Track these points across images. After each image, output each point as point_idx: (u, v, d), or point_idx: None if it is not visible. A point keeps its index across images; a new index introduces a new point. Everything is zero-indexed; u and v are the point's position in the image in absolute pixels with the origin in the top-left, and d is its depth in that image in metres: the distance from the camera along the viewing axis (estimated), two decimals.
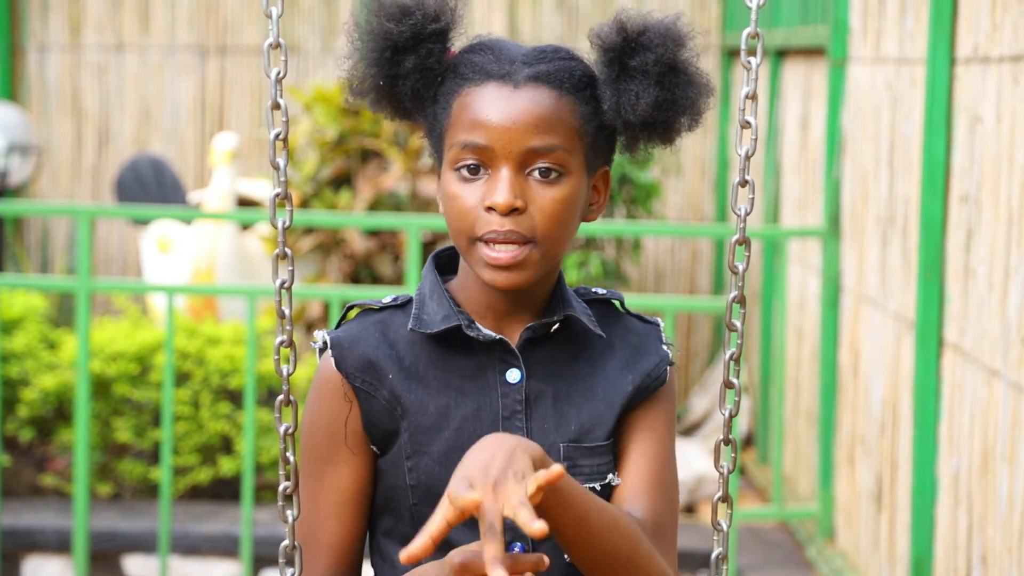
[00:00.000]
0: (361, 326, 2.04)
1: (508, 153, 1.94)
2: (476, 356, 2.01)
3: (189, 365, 5.90)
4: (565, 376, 2.03)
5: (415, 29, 1.98)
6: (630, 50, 1.98)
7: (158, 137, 8.10)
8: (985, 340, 3.93)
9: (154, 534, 5.58)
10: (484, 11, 7.99)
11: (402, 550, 1.78)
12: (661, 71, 1.99)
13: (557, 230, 1.97)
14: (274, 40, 1.94)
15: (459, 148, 1.96)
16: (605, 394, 2.03)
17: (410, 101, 2.01)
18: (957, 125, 4.21)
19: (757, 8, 1.97)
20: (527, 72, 1.96)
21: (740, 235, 2.00)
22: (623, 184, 6.94)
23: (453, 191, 1.97)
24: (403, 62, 1.98)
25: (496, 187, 1.94)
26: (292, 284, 1.95)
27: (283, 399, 1.94)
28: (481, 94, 1.96)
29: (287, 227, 1.95)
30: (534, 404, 2.01)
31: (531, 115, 1.94)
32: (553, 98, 1.96)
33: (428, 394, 2.00)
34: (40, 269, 8.06)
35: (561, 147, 1.95)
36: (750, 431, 7.07)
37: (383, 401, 2.00)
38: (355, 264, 6.94)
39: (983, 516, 3.93)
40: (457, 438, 1.99)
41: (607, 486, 2.02)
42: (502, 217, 1.94)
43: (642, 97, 1.98)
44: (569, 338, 2.04)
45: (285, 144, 1.95)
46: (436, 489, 1.97)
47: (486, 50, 1.99)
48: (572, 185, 1.97)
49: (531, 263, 1.96)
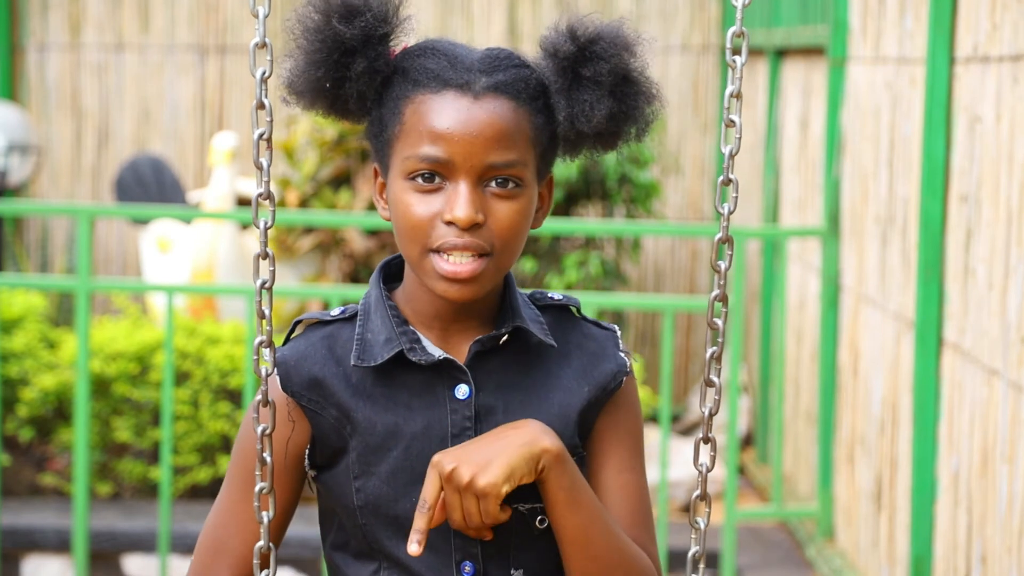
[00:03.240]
0: (308, 342, 2.00)
1: (469, 167, 1.90)
2: (424, 372, 1.97)
3: (189, 364, 5.90)
4: (517, 388, 1.99)
5: (365, 31, 1.93)
6: (583, 59, 1.94)
7: (158, 137, 8.11)
8: (985, 340, 3.93)
9: (154, 534, 5.58)
10: (484, 11, 7.99)
11: (411, 544, 1.88)
12: (615, 81, 1.95)
13: (514, 242, 1.94)
14: (260, 40, 1.91)
15: (416, 159, 1.91)
16: (560, 407, 2.00)
17: (354, 103, 1.97)
18: (957, 125, 4.21)
19: (742, 7, 1.96)
20: (485, 82, 1.92)
21: (723, 233, 1.97)
22: (622, 184, 6.94)
23: (406, 200, 1.93)
24: (351, 64, 1.94)
25: (457, 201, 1.90)
26: (273, 284, 1.93)
27: (261, 400, 1.93)
28: (438, 103, 1.91)
29: (269, 227, 1.93)
30: (484, 419, 1.97)
31: (493, 128, 1.91)
32: (511, 110, 1.92)
33: (376, 412, 1.96)
34: (40, 269, 8.06)
35: (519, 161, 1.92)
36: (750, 431, 7.07)
37: (331, 419, 1.97)
38: (355, 263, 6.94)
39: (983, 516, 3.93)
40: (406, 457, 1.96)
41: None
42: (461, 231, 1.90)
43: (596, 108, 1.94)
44: (521, 348, 2.01)
45: (269, 144, 1.92)
46: (384, 509, 1.96)
47: (439, 55, 1.95)
48: (528, 196, 1.95)
49: (487, 276, 1.93)
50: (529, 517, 1.97)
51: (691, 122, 7.99)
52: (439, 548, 1.96)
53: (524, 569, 1.99)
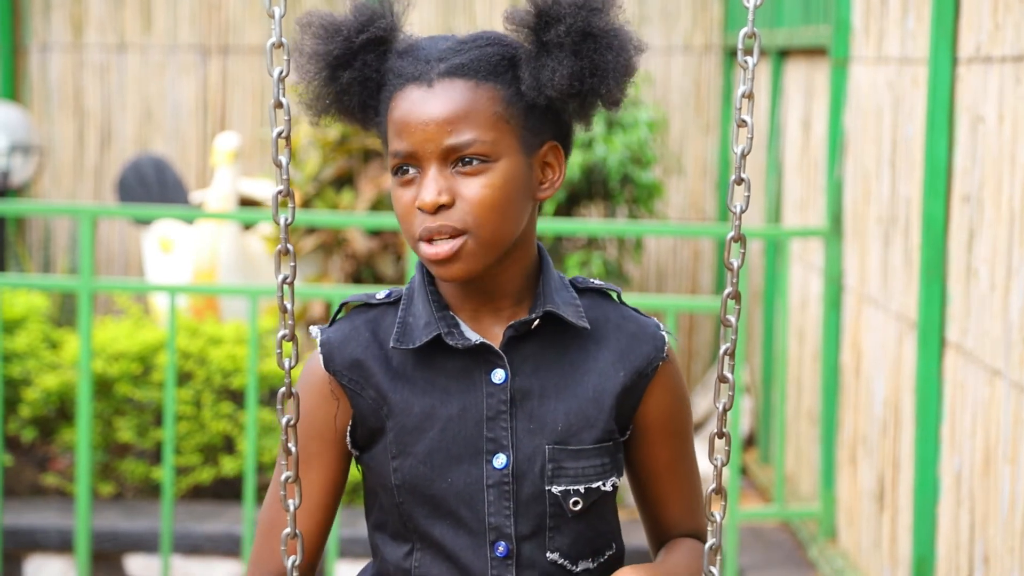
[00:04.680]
0: (352, 325, 2.06)
1: (429, 154, 1.97)
2: (461, 356, 2.02)
3: (191, 365, 5.90)
4: (552, 372, 2.03)
5: (345, 45, 2.02)
6: (543, 25, 1.98)
7: (160, 137, 8.11)
8: (987, 340, 3.93)
9: (156, 534, 5.58)
10: (485, 10, 7.99)
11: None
12: (575, 40, 1.97)
13: (490, 216, 1.97)
14: (277, 40, 1.97)
15: (392, 156, 2.00)
16: (595, 391, 2.03)
17: (359, 112, 2.05)
18: (959, 125, 4.21)
19: (754, 8, 1.97)
20: (440, 68, 1.98)
21: (736, 232, 1.99)
22: (625, 184, 6.94)
23: (394, 195, 2.01)
24: (340, 77, 2.02)
25: (423, 187, 1.97)
26: (294, 280, 1.97)
27: (285, 391, 1.97)
28: (402, 98, 1.99)
29: (289, 224, 1.97)
30: (519, 403, 2.01)
31: (444, 112, 1.96)
32: (468, 89, 1.97)
33: (414, 394, 2.01)
34: (42, 269, 8.06)
35: (479, 139, 1.96)
36: (752, 431, 7.07)
37: (369, 400, 2.02)
38: (357, 264, 6.94)
39: (985, 516, 3.93)
40: (442, 438, 2.01)
41: (593, 490, 2.03)
42: (431, 215, 1.96)
43: (558, 71, 1.97)
44: (556, 332, 2.04)
45: (287, 142, 1.98)
46: (421, 489, 2.01)
47: (407, 53, 2.02)
48: (502, 171, 1.97)
49: (468, 253, 1.97)
50: (563, 499, 2.01)
51: (693, 122, 7.99)
52: (473, 529, 2.00)
53: (559, 552, 2.02)
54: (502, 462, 2.00)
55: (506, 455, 2.00)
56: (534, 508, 2.00)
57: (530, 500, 2.00)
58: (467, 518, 2.00)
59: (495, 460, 2.00)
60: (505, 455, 2.00)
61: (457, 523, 2.00)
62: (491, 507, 2.00)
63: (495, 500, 2.00)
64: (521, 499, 2.00)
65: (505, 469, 2.00)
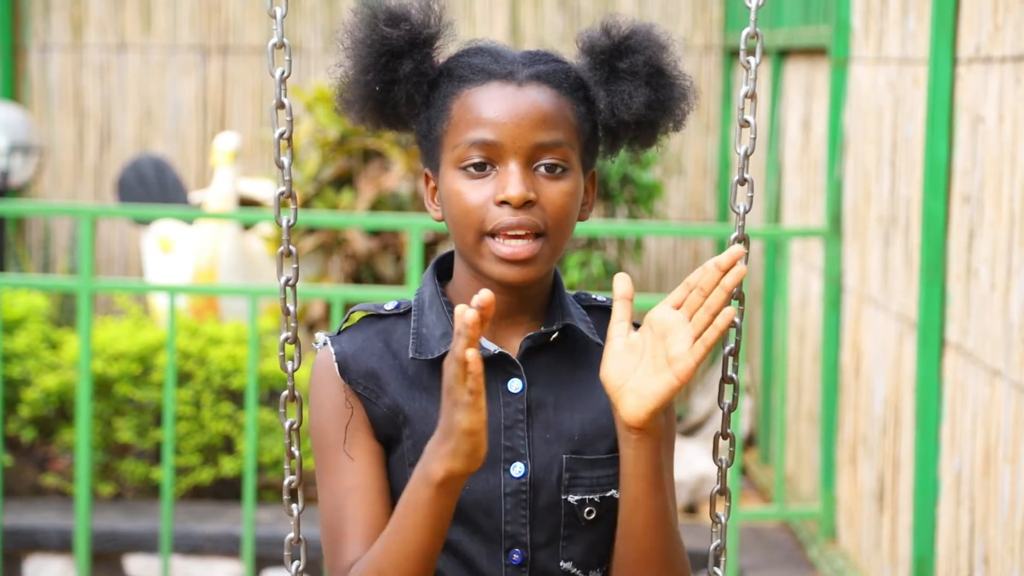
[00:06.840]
0: (365, 336, 2.05)
1: (517, 148, 1.97)
2: None
3: (191, 365, 5.90)
4: (567, 384, 2.05)
5: (411, 33, 2.02)
6: (619, 53, 2.04)
7: (160, 137, 8.11)
8: (987, 340, 3.93)
9: (156, 534, 5.58)
10: (486, 10, 7.99)
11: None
12: (650, 72, 2.04)
13: (565, 223, 2.00)
14: (278, 40, 1.97)
15: (465, 146, 1.98)
16: (608, 405, 2.03)
17: (404, 106, 2.04)
18: (959, 125, 4.21)
19: (756, 8, 1.99)
20: (527, 72, 2.00)
21: (739, 232, 2.02)
22: (625, 184, 6.94)
23: (458, 188, 1.98)
24: (399, 67, 2.02)
25: (508, 181, 1.96)
26: (296, 282, 1.97)
27: (288, 395, 1.97)
28: (484, 93, 1.99)
29: (291, 225, 1.97)
30: (535, 413, 2.02)
31: (537, 110, 1.98)
32: (555, 96, 2.00)
33: (432, 403, 2.01)
34: (42, 269, 8.06)
35: (565, 143, 1.99)
36: (752, 431, 7.07)
37: (384, 409, 2.02)
38: (357, 264, 6.94)
39: (985, 516, 3.93)
40: None
41: (607, 499, 2.04)
42: (515, 210, 1.96)
43: (635, 97, 2.02)
44: (569, 346, 2.06)
45: (289, 143, 1.97)
46: None
47: (483, 53, 2.03)
48: (575, 180, 2.01)
49: (542, 258, 1.98)
50: (578, 508, 2.02)
51: (693, 122, 7.95)
52: (489, 536, 2.00)
53: (572, 561, 2.03)
54: (520, 471, 2.00)
55: (524, 464, 2.01)
56: (550, 517, 2.01)
57: (546, 509, 2.01)
58: (484, 525, 2.00)
59: (512, 469, 2.00)
60: (523, 464, 2.01)
61: (473, 530, 2.00)
62: (508, 515, 2.00)
63: (512, 508, 2.00)
64: (537, 508, 2.01)
65: (523, 478, 2.00)
